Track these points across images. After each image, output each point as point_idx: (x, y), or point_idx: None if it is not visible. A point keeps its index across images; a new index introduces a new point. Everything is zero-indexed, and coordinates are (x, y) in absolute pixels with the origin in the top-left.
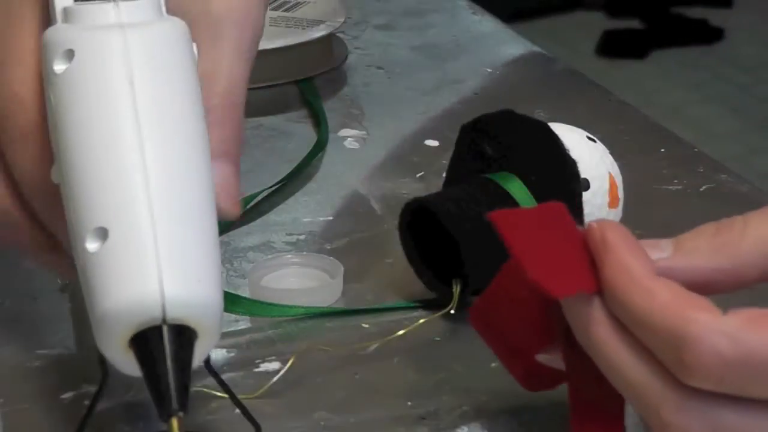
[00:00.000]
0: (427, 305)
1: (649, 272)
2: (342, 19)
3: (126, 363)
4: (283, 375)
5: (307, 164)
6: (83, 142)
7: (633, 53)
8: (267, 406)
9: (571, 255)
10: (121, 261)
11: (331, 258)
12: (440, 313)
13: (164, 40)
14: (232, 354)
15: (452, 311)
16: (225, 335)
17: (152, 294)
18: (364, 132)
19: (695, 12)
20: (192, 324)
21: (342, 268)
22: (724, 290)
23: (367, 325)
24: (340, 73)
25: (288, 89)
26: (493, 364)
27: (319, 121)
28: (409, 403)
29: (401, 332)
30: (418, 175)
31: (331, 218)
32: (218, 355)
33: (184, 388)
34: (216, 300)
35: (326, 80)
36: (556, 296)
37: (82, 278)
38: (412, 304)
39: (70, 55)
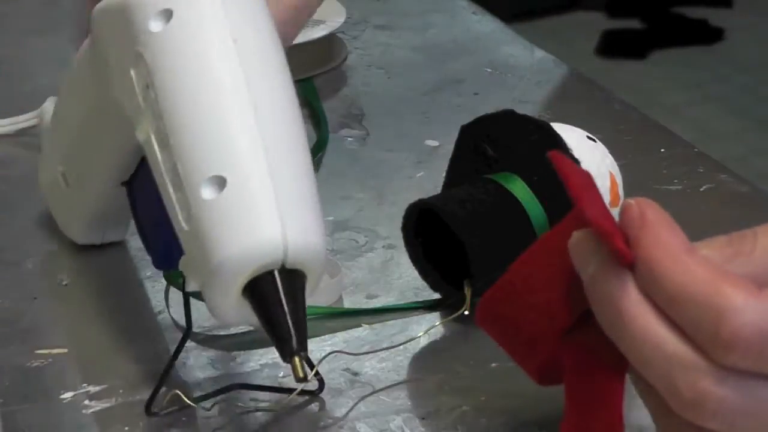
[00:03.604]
0: (428, 306)
1: (687, 248)
2: (342, 19)
3: (236, 311)
4: (283, 375)
5: None
6: (192, 97)
7: (633, 53)
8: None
9: (610, 220)
10: (242, 208)
11: (331, 258)
12: (453, 316)
13: None
14: (233, 354)
15: (466, 312)
16: (225, 335)
17: (275, 239)
18: (364, 132)
19: (695, 12)
20: (304, 267)
21: (342, 268)
22: None
23: (367, 325)
24: (340, 73)
25: None
26: (493, 364)
27: (319, 121)
28: (409, 402)
29: (420, 334)
30: (418, 175)
31: (331, 218)
32: (219, 355)
33: (303, 329)
34: (324, 244)
35: (326, 80)
36: (610, 239)
37: (192, 228)
38: (412, 305)
39: (167, 14)
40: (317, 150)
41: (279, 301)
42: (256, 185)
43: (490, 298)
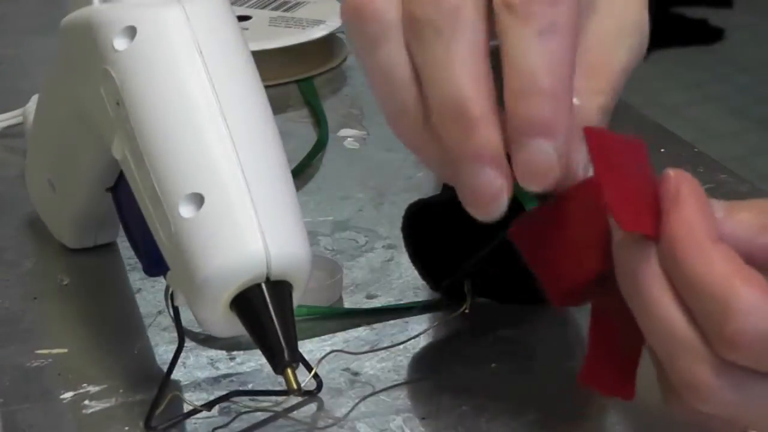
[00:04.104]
0: (428, 306)
1: (712, 235)
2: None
3: (224, 324)
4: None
5: (307, 164)
6: (163, 114)
7: None
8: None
9: (643, 193)
10: (221, 224)
11: (331, 258)
12: (453, 315)
13: (216, 8)
14: (233, 354)
15: (466, 311)
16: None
17: (258, 253)
18: (364, 132)
19: (695, 12)
20: (290, 278)
21: (342, 268)
22: (763, 268)
23: (367, 325)
24: (340, 73)
25: (288, 89)
26: (493, 365)
27: (319, 121)
28: (409, 402)
29: (420, 332)
30: (418, 175)
31: (330, 218)
32: (219, 355)
33: (293, 340)
34: (308, 253)
35: (326, 80)
36: (623, 227)
37: (174, 245)
38: (412, 305)
39: (131, 32)
40: (317, 150)
41: (267, 315)
42: (233, 200)
43: (528, 222)
